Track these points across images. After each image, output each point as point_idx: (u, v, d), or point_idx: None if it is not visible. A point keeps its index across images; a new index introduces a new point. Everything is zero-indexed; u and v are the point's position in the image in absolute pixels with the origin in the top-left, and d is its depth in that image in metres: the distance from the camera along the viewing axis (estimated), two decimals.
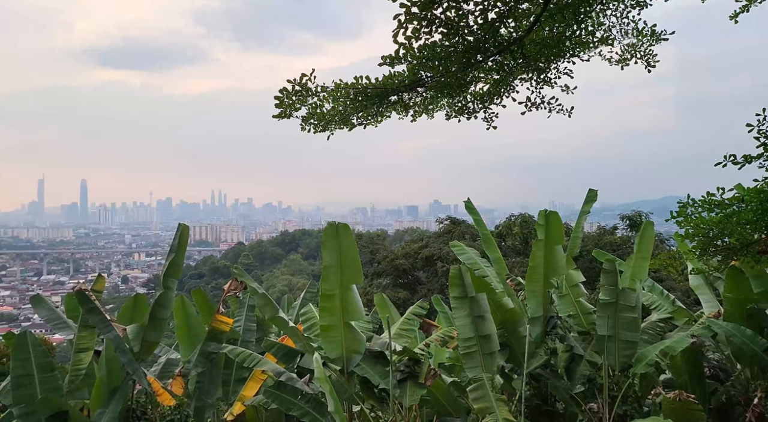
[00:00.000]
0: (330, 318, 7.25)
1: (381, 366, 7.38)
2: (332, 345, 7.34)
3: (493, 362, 7.12)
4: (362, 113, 5.35)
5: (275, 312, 7.77)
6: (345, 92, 4.94)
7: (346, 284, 7.17)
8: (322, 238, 7.04)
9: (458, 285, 7.28)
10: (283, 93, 4.87)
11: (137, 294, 8.98)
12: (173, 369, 9.01)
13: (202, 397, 8.19)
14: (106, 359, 7.54)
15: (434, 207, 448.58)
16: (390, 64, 4.77)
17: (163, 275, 8.04)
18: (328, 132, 5.49)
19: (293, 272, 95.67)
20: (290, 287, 72.85)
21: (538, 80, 5.55)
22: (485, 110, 5.74)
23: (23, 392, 6.72)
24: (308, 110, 5.17)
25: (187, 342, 8.88)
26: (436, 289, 24.19)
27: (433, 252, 26.11)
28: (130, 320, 8.37)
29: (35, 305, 8.36)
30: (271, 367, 7.67)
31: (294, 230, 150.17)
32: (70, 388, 7.30)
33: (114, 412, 6.98)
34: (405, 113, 5.72)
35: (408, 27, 4.29)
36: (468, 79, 5.25)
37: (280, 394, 7.12)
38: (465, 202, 8.55)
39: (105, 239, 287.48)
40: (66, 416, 6.79)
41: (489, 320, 7.24)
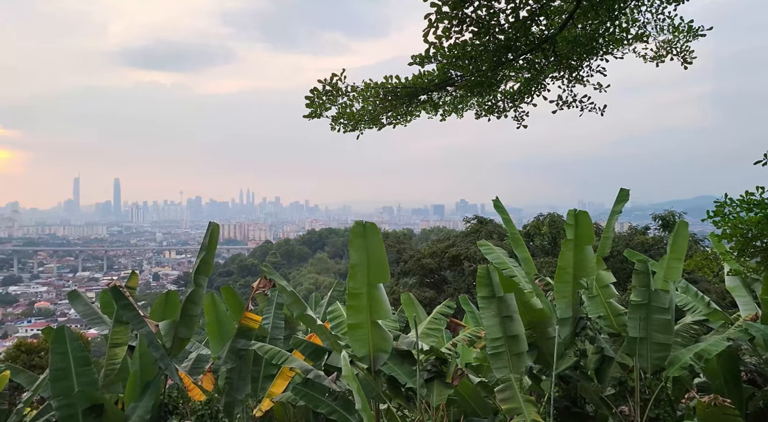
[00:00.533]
0: (357, 317, 7.28)
1: (408, 365, 7.38)
2: (359, 344, 7.36)
3: (521, 362, 7.06)
4: (392, 113, 5.35)
5: (303, 310, 7.85)
6: (375, 92, 4.94)
7: (373, 283, 7.19)
8: (349, 237, 7.07)
9: (486, 285, 7.23)
10: (313, 93, 4.91)
11: (169, 291, 9.16)
12: (203, 365, 9.18)
13: (232, 393, 8.33)
14: (139, 354, 7.72)
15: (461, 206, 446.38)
16: (420, 63, 4.76)
17: (194, 273, 8.19)
18: (357, 132, 5.51)
19: (319, 270, 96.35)
20: (316, 286, 73.39)
21: (570, 78, 5.47)
22: (515, 108, 5.68)
23: (61, 385, 6.93)
24: (338, 110, 5.19)
25: (217, 338, 9.03)
26: (463, 288, 24.06)
27: (459, 252, 25.98)
28: (162, 316, 8.55)
29: (72, 300, 8.60)
30: (299, 364, 7.75)
31: (320, 229, 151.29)
32: (105, 382, 7.51)
33: (147, 406, 7.15)
34: (434, 113, 5.70)
35: (438, 26, 4.28)
36: (498, 78, 5.20)
37: (308, 391, 7.19)
38: (493, 201, 8.47)
39: (137, 236, 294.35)
40: (101, 409, 6.98)
41: (517, 320, 7.18)
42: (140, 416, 7.04)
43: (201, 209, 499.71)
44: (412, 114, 5.57)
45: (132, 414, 7.06)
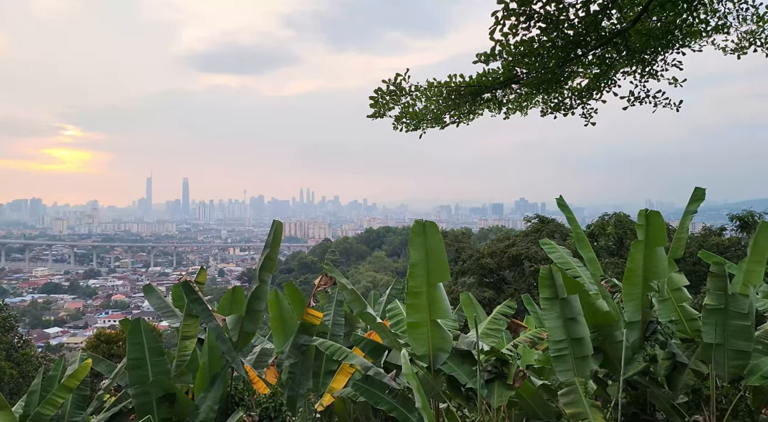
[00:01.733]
0: (417, 315, 7.29)
1: (468, 365, 7.33)
2: (419, 342, 7.37)
3: (586, 366, 6.85)
4: (455, 112, 5.31)
5: (363, 308, 7.94)
6: (438, 91, 4.93)
7: (432, 282, 7.18)
8: (409, 235, 7.09)
9: (549, 286, 7.05)
10: (377, 93, 4.95)
11: (235, 287, 9.50)
12: (267, 359, 9.47)
13: (295, 387, 8.55)
14: (208, 347, 8.06)
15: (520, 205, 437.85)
16: (485, 61, 4.71)
17: (258, 270, 8.44)
18: (420, 131, 5.51)
19: (377, 268, 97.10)
20: (374, 284, 73.99)
21: (643, 73, 5.23)
22: (584, 105, 5.50)
23: (137, 373, 7.34)
24: (401, 109, 5.21)
25: (281, 333, 9.28)
26: (523, 289, 23.59)
27: (520, 251, 25.48)
28: (228, 311, 8.87)
29: (147, 294, 9.07)
30: (359, 361, 7.85)
31: (378, 228, 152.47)
32: (176, 372, 7.88)
33: (215, 397, 7.45)
34: (498, 111, 5.62)
35: (505, 23, 4.21)
36: (566, 74, 5.05)
37: (368, 388, 7.27)
38: (557, 199, 8.25)
39: (204, 234, 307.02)
40: (174, 398, 7.34)
41: (581, 323, 6.96)
42: (209, 406, 7.34)
43: (263, 208, 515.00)
44: (475, 113, 5.51)
45: (202, 404, 7.38)
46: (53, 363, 9.32)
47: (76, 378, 7.62)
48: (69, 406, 7.97)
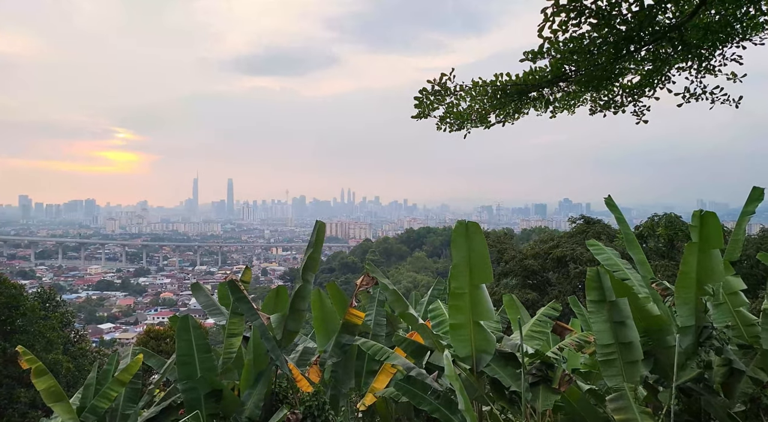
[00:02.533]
0: (459, 317, 7.23)
1: (512, 368, 7.22)
2: (461, 344, 7.32)
3: (636, 371, 6.63)
4: (500, 111, 5.23)
5: (405, 308, 7.94)
6: (483, 90, 4.86)
7: (475, 283, 7.11)
8: (451, 236, 7.04)
9: (596, 288, 6.86)
10: (422, 93, 4.93)
11: (279, 286, 9.65)
12: (310, 358, 9.57)
13: (337, 386, 8.61)
14: (253, 344, 8.22)
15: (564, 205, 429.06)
16: (532, 59, 4.61)
17: (302, 269, 8.56)
18: (464, 131, 5.46)
19: (418, 269, 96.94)
20: (415, 284, 73.91)
21: (699, 69, 5.00)
22: (635, 103, 5.32)
23: (186, 369, 7.55)
24: (445, 109, 5.17)
25: (323, 332, 9.37)
26: (568, 291, 23.07)
27: (564, 253, 24.92)
28: (273, 310, 9.02)
29: (195, 291, 9.32)
30: (401, 361, 7.85)
31: (419, 228, 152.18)
32: (223, 369, 8.07)
33: (260, 394, 7.60)
34: (545, 110, 5.50)
35: (555, 20, 4.11)
36: (617, 71, 4.89)
37: (411, 388, 7.26)
38: (605, 199, 8.02)
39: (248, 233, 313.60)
40: (220, 394, 7.52)
41: (631, 327, 6.75)
42: (254, 403, 7.49)
43: (305, 208, 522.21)
44: (520, 112, 5.41)
45: (247, 401, 7.53)
46: (107, 358, 9.71)
47: (129, 372, 7.91)
48: (122, 399, 8.27)
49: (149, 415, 8.05)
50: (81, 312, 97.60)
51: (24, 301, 20.11)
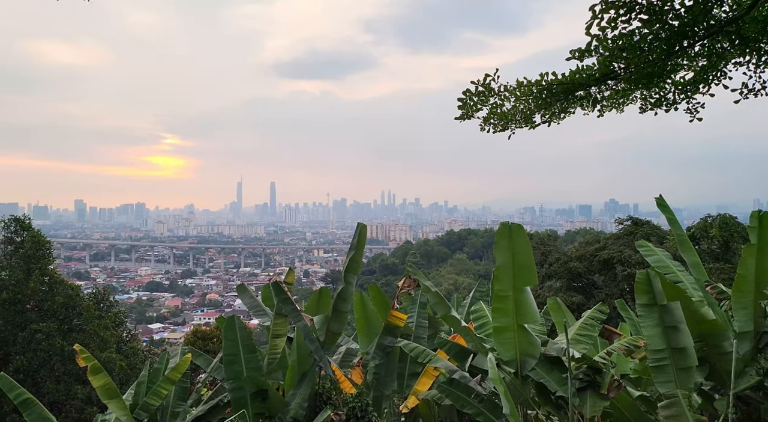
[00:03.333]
0: (503, 320, 7.12)
1: (558, 372, 7.06)
2: (505, 347, 7.20)
3: (690, 378, 6.37)
4: (545, 111, 5.13)
5: (448, 311, 7.88)
6: (528, 90, 4.77)
7: (519, 286, 6.99)
8: (495, 238, 6.95)
9: (646, 292, 6.64)
10: (466, 94, 4.89)
11: (322, 288, 9.76)
12: (352, 359, 9.63)
13: (380, 388, 8.63)
14: (297, 345, 8.33)
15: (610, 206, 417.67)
16: (579, 57, 4.50)
17: (344, 271, 8.62)
18: (508, 132, 5.38)
19: (459, 271, 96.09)
20: (456, 286, 73.28)
21: (758, 63, 4.75)
22: (688, 100, 5.10)
23: (233, 369, 7.72)
24: (489, 110, 5.10)
25: (366, 334, 9.41)
26: (615, 294, 22.41)
27: (611, 255, 24.21)
28: (315, 311, 9.13)
29: (240, 293, 9.52)
30: (444, 364, 7.80)
31: (459, 230, 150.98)
32: (267, 369, 8.21)
33: (304, 394, 7.69)
34: (592, 109, 5.35)
35: (603, 17, 4.00)
36: (668, 68, 4.71)
37: (454, 391, 7.20)
38: (656, 199, 7.74)
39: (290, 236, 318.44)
40: (266, 393, 7.65)
41: (684, 331, 6.49)
42: (299, 403, 7.59)
43: (345, 210, 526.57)
44: (567, 111, 5.28)
45: (292, 401, 7.64)
46: (157, 357, 10.02)
47: (178, 371, 8.14)
48: (172, 397, 8.51)
49: (198, 413, 8.27)
50: (132, 312, 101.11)
51: (80, 301, 20.97)
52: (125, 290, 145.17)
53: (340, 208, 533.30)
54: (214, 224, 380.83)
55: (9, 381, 7.61)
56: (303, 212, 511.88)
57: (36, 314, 19.64)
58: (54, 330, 19.10)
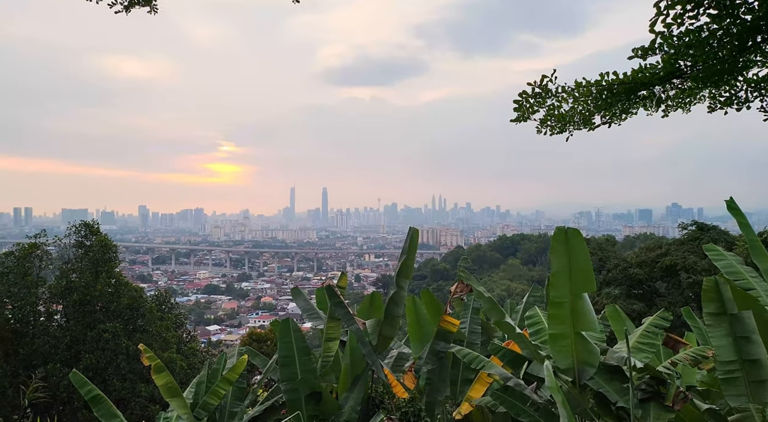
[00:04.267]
0: (559, 327, 6.93)
1: (618, 382, 6.80)
2: (562, 355, 7.00)
3: (763, 392, 6.01)
4: (605, 112, 4.97)
5: (502, 317, 7.75)
6: (587, 91, 4.63)
7: (576, 292, 6.79)
8: (550, 243, 6.78)
9: (715, 300, 6.32)
10: (522, 96, 4.81)
11: (374, 292, 9.82)
12: (404, 363, 9.62)
13: (432, 393, 8.57)
14: (350, 349, 8.40)
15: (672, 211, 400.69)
16: (642, 56, 4.33)
17: (396, 276, 8.63)
18: (565, 134, 5.24)
19: (511, 277, 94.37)
20: (509, 292, 71.98)
21: None
22: (762, 98, 4.82)
23: (287, 370, 7.86)
24: (546, 112, 4.99)
25: (418, 339, 9.37)
26: (679, 302, 21.41)
27: (675, 261, 23.16)
28: (368, 315, 9.18)
29: (295, 296, 9.71)
30: (498, 371, 7.66)
31: (512, 235, 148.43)
32: (321, 372, 8.32)
33: (357, 398, 7.74)
34: (655, 109, 5.14)
35: (669, 13, 3.84)
36: (740, 64, 4.46)
37: (509, 398, 7.06)
38: (727, 202, 7.35)
39: (341, 240, 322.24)
40: (320, 396, 7.75)
41: (757, 342, 6.13)
42: (352, 407, 7.64)
43: (396, 215, 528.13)
44: (628, 112, 5.09)
45: (345, 404, 7.70)
46: (215, 358, 10.34)
47: (235, 371, 8.37)
48: (229, 397, 8.76)
49: (254, 413, 8.47)
50: (191, 314, 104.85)
51: (143, 303, 21.93)
52: (185, 292, 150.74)
53: (391, 213, 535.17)
54: (268, 229, 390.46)
55: (80, 378, 8.02)
56: (354, 217, 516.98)
57: (103, 315, 20.68)
58: (120, 330, 20.05)
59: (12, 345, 19.19)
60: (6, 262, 20.15)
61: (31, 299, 19.94)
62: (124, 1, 4.77)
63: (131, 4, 4.80)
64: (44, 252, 21.13)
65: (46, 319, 20.64)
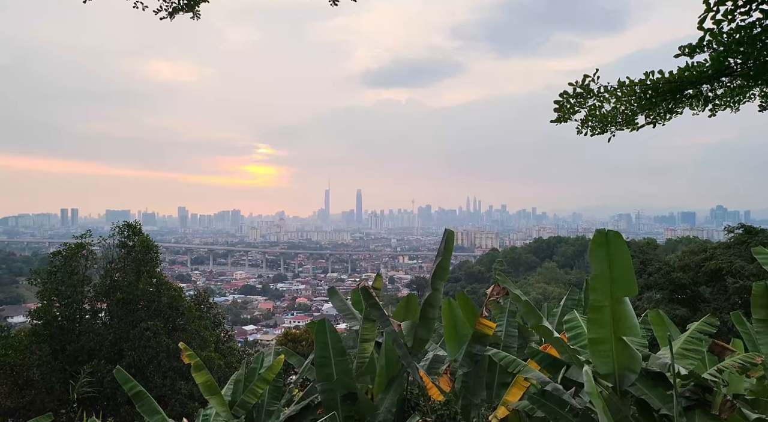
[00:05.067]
0: (599, 331, 6.78)
1: (661, 389, 6.60)
2: (603, 360, 6.85)
3: None
4: (650, 111, 4.83)
5: (539, 320, 7.63)
6: (630, 90, 4.52)
7: (617, 296, 6.63)
8: (590, 246, 6.65)
9: (765, 306, 6.09)
10: (563, 96, 4.73)
11: (409, 294, 9.81)
12: (439, 366, 9.57)
13: (468, 397, 8.50)
14: (385, 350, 8.41)
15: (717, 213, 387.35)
16: (689, 54, 4.20)
17: (432, 278, 8.61)
18: (607, 134, 5.13)
19: (548, 280, 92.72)
20: (545, 296, 70.72)
21: None
22: None
23: (323, 371, 7.93)
24: (587, 112, 4.90)
25: (454, 341, 9.32)
26: (725, 308, 20.65)
27: (720, 265, 22.34)
28: (403, 317, 9.18)
29: (331, 296, 9.78)
30: (535, 375, 7.55)
31: (548, 237, 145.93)
32: (357, 373, 8.35)
33: (393, 399, 7.74)
34: (702, 108, 4.98)
35: (719, 9, 3.72)
36: None
37: (547, 403, 6.95)
38: None
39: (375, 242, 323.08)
40: (355, 397, 7.78)
41: None
42: (387, 408, 7.65)
43: (430, 217, 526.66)
44: (673, 111, 4.94)
45: (381, 405, 7.71)
46: (251, 357, 10.52)
47: (272, 371, 8.49)
48: (267, 396, 8.89)
49: (291, 413, 8.56)
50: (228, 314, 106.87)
51: (183, 302, 22.50)
52: (222, 292, 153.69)
53: (425, 214, 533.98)
54: (303, 231, 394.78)
55: (124, 375, 8.28)
56: (388, 219, 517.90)
57: (145, 313, 21.29)
58: (160, 329, 20.60)
59: (60, 341, 19.96)
60: (54, 261, 20.97)
61: (77, 298, 20.70)
62: (169, 7, 4.92)
63: (175, 11, 4.95)
64: (89, 252, 21.91)
65: (91, 317, 21.39)
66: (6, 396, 18.32)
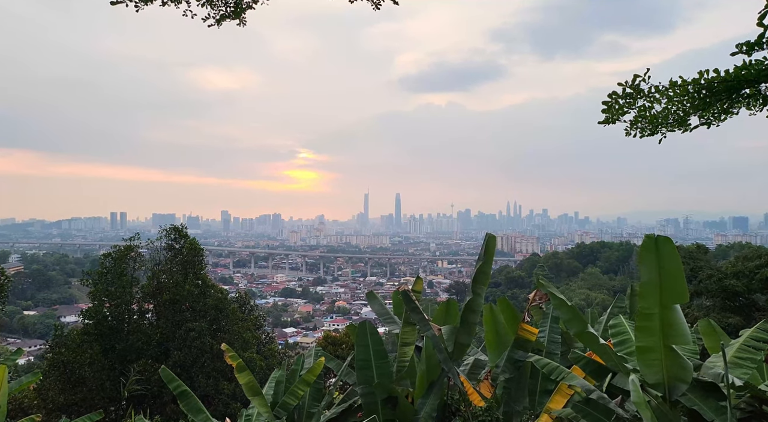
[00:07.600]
0: (648, 339, 6.56)
1: (714, 400, 6.34)
2: (651, 369, 6.63)
3: None
4: (703, 111, 4.65)
5: (584, 327, 7.44)
6: (683, 90, 4.36)
7: (667, 304, 6.41)
8: (639, 251, 6.45)
9: None
10: (611, 97, 4.61)
11: (450, 299, 9.75)
12: (479, 371, 9.45)
13: (510, 403, 8.36)
14: (426, 354, 8.37)
15: None
16: (747, 51, 4.02)
17: (472, 282, 8.52)
18: (657, 135, 4.96)
19: (591, 286, 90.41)
20: (588, 302, 68.93)
21: None
22: None
23: (364, 374, 7.96)
24: (637, 113, 4.76)
25: (495, 347, 9.20)
26: None
27: None
28: (443, 321, 9.12)
29: (370, 300, 9.81)
30: (579, 382, 7.36)
31: (591, 242, 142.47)
32: (397, 376, 8.34)
33: (433, 404, 7.69)
34: (760, 108, 4.76)
35: None
36: None
37: (591, 411, 6.78)
38: None
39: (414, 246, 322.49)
40: (395, 400, 7.77)
41: None
42: (427, 413, 7.60)
43: (470, 221, 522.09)
44: (729, 112, 4.73)
45: (421, 410, 7.67)
46: (291, 359, 10.64)
47: (313, 373, 8.57)
48: (308, 398, 8.98)
49: (331, 415, 8.62)
50: (269, 316, 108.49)
51: (227, 304, 22.98)
52: (263, 295, 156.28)
53: (465, 219, 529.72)
54: (342, 234, 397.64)
55: (169, 374, 8.52)
56: (427, 223, 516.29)
57: (190, 314, 21.84)
58: (205, 330, 21.10)
59: (109, 340, 20.69)
60: (104, 263, 21.77)
61: (126, 298, 21.42)
62: (216, 15, 5.06)
63: (222, 18, 5.09)
64: (137, 254, 22.65)
65: (138, 317, 22.09)
66: (59, 392, 19.11)
